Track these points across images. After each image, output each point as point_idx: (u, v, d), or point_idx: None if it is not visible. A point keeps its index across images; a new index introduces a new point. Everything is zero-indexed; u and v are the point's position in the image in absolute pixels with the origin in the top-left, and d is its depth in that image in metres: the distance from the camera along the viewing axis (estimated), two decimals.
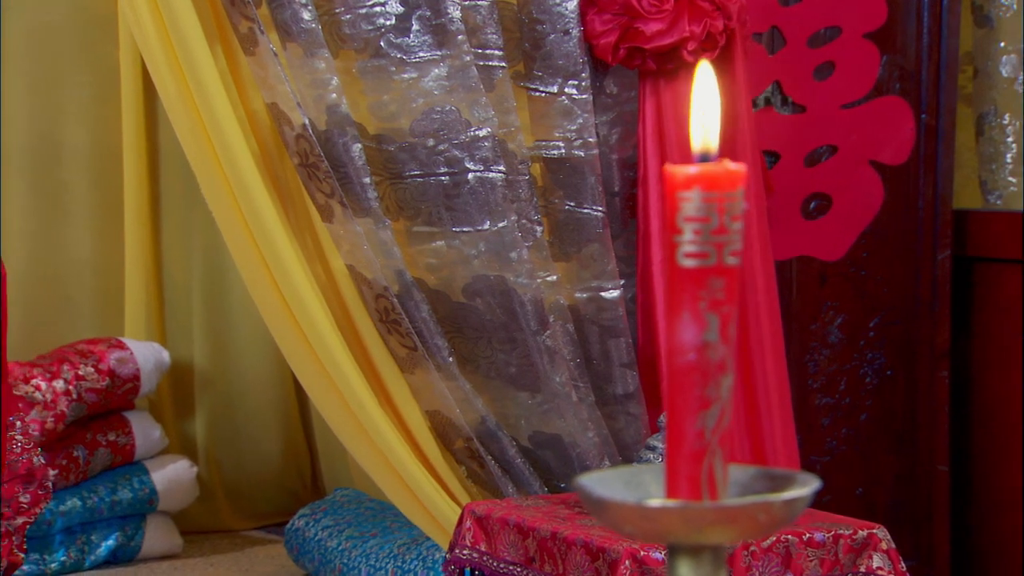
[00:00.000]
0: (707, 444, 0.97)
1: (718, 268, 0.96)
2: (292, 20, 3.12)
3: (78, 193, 4.37)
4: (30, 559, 3.95)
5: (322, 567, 3.80)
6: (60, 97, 4.32)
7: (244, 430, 4.55)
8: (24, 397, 3.92)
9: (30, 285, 4.35)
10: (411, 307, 3.23)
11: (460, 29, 3.20)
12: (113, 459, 4.11)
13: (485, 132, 3.23)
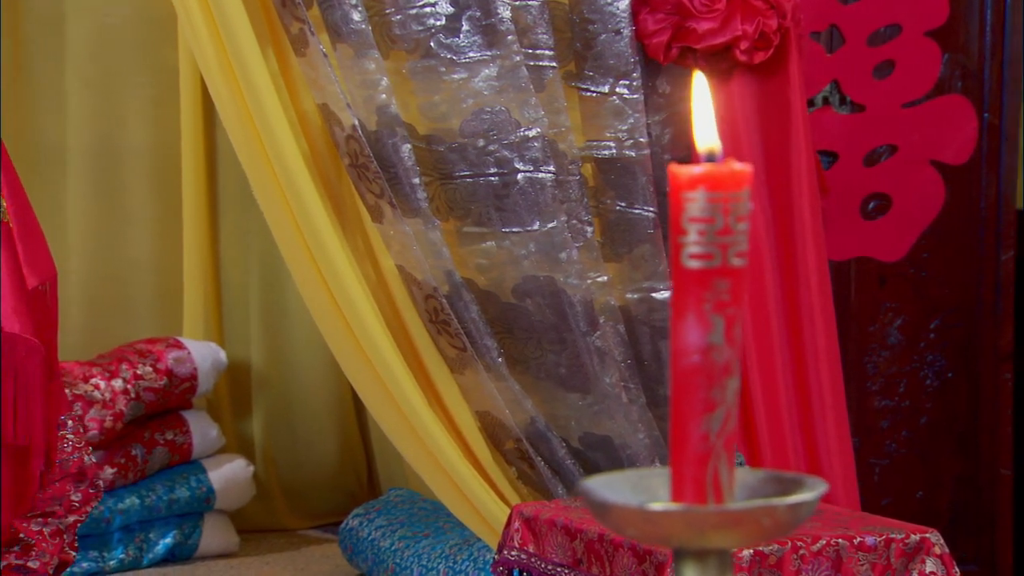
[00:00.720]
0: (712, 447, 0.96)
1: (723, 269, 0.95)
2: (342, 21, 3.13)
3: (138, 194, 4.41)
4: (89, 556, 3.99)
5: (375, 567, 3.81)
6: (120, 99, 4.36)
7: (301, 430, 4.57)
8: (83, 396, 3.96)
9: (91, 285, 4.39)
10: (460, 308, 3.23)
11: (510, 29, 3.20)
12: (171, 458, 4.14)
13: (535, 132, 3.22)
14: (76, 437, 2.75)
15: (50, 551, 2.69)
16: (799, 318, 3.57)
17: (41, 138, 4.31)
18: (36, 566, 2.65)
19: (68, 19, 4.29)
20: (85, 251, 4.37)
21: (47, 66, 4.30)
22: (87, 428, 3.94)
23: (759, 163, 3.56)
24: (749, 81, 3.55)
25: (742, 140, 3.54)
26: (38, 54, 4.29)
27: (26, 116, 4.29)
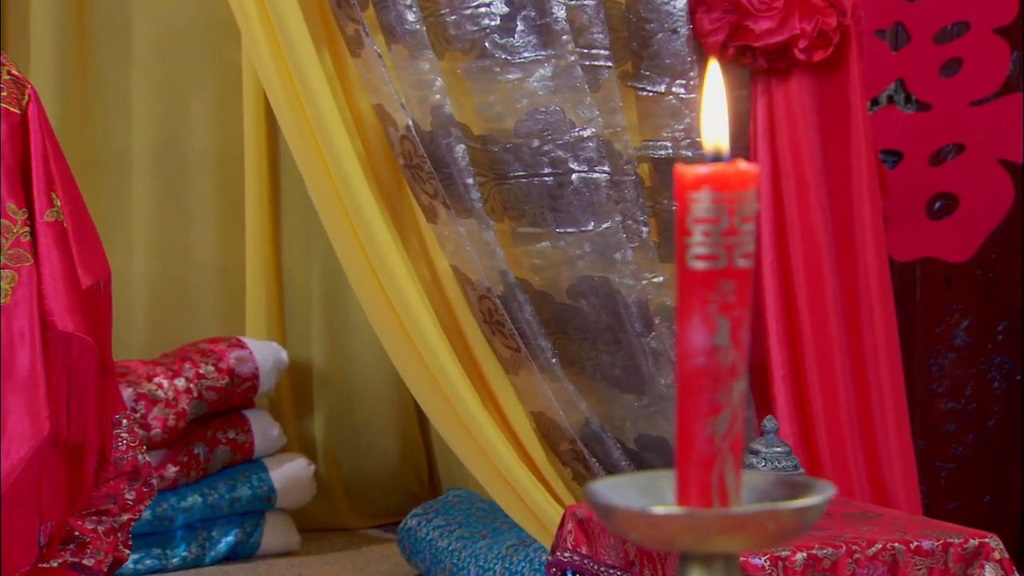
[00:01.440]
0: (717, 450, 0.94)
1: (728, 270, 0.94)
2: (397, 21, 3.14)
3: (201, 195, 4.44)
4: (152, 554, 4.03)
5: (433, 567, 3.81)
6: (185, 101, 4.40)
7: (362, 429, 4.58)
8: (147, 395, 4.00)
9: (156, 285, 4.44)
10: (514, 308, 3.22)
11: (565, 29, 3.19)
12: (233, 457, 4.17)
13: (590, 132, 3.21)
14: (131, 436, 2.77)
15: (105, 549, 2.72)
16: (859, 319, 3.53)
17: (107, 140, 4.36)
18: (91, 563, 2.68)
19: (134, 22, 4.33)
20: (150, 252, 4.41)
21: (113, 69, 4.34)
22: (150, 426, 3.98)
23: (817, 163, 3.53)
24: (808, 80, 3.52)
25: (800, 140, 3.51)
26: (104, 57, 4.33)
27: (92, 118, 4.34)
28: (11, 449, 2.52)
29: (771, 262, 3.49)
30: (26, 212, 2.56)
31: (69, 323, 2.54)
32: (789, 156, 3.50)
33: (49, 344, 2.54)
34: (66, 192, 2.61)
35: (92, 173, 4.33)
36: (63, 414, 2.54)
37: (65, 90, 4.27)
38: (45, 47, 4.23)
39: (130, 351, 4.31)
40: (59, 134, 4.24)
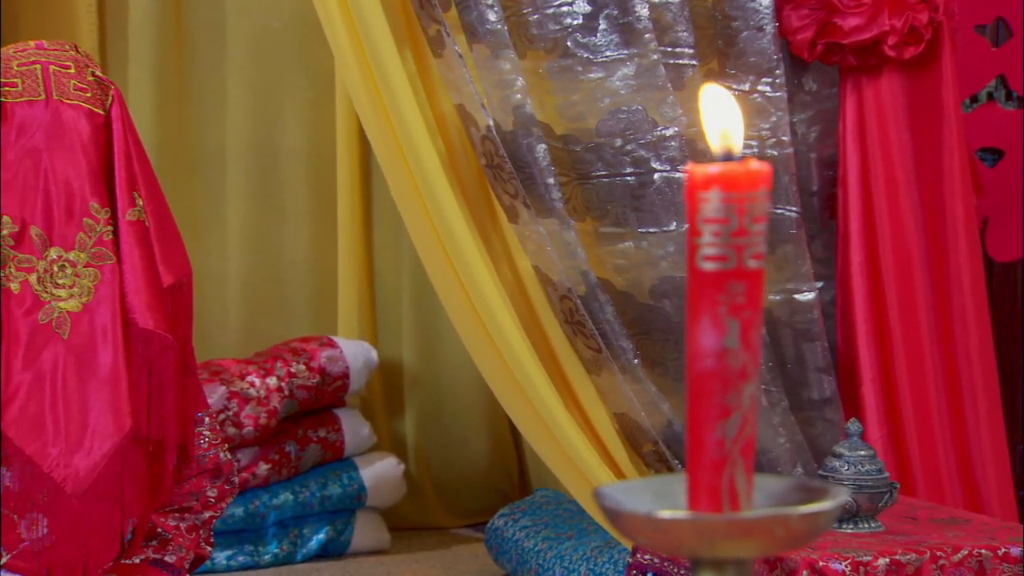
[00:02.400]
0: (727, 454, 0.93)
1: (738, 271, 0.93)
2: (478, 21, 3.14)
3: (294, 195, 4.49)
4: (245, 551, 4.08)
5: (519, 567, 3.81)
6: (279, 101, 4.45)
7: (453, 428, 4.59)
8: (239, 393, 4.05)
9: (250, 284, 4.48)
10: (595, 308, 3.21)
11: (648, 28, 3.17)
12: (323, 455, 4.20)
13: (672, 131, 3.19)
14: (213, 434, 2.80)
15: (187, 546, 2.75)
16: (951, 321, 3.47)
17: (203, 140, 4.42)
18: (172, 560, 2.71)
19: (229, 23, 4.39)
20: (244, 251, 4.46)
21: (209, 69, 4.40)
22: (243, 424, 4.03)
23: (908, 162, 3.48)
24: (899, 77, 3.46)
25: (891, 138, 3.46)
26: (200, 58, 4.39)
27: (189, 118, 4.40)
28: (94, 445, 2.56)
29: (860, 262, 3.44)
30: (109, 211, 2.60)
31: (149, 320, 2.58)
32: (879, 155, 3.45)
33: (130, 341, 2.58)
34: (149, 192, 2.65)
35: (188, 172, 4.40)
36: (144, 411, 2.58)
37: (162, 91, 4.33)
38: (143, 49, 4.30)
39: (225, 349, 4.37)
40: (156, 134, 4.33)
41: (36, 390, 2.55)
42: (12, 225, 2.56)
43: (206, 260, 4.42)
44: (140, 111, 4.30)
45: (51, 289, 2.57)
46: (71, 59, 2.62)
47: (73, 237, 2.58)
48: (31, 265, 2.57)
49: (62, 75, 2.60)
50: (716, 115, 0.95)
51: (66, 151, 2.58)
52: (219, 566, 4.05)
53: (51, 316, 2.57)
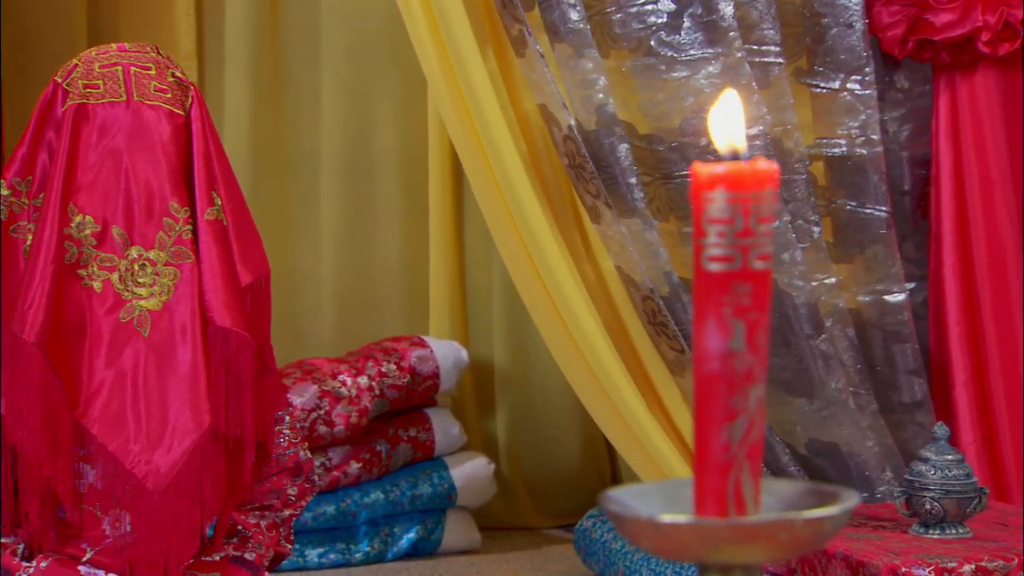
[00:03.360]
0: (733, 457, 0.92)
1: (743, 272, 0.91)
2: (560, 21, 3.13)
3: (387, 196, 4.51)
4: (336, 548, 4.10)
5: (607, 568, 3.79)
6: (372, 103, 4.47)
7: (544, 429, 4.58)
8: (331, 392, 4.08)
9: (343, 284, 4.52)
10: (678, 309, 3.18)
11: (732, 26, 3.14)
12: (414, 454, 4.22)
13: (756, 131, 3.15)
14: (293, 432, 2.82)
15: (266, 543, 2.77)
16: None
17: (297, 141, 4.46)
18: (252, 558, 2.73)
19: (323, 25, 4.43)
20: (337, 251, 4.50)
21: (304, 71, 4.44)
22: (334, 423, 4.06)
23: (1003, 160, 3.40)
24: (994, 74, 3.39)
25: (985, 136, 3.39)
26: (296, 60, 4.43)
27: (284, 120, 4.45)
28: (174, 442, 2.59)
29: (953, 263, 3.38)
30: (188, 210, 2.63)
31: (227, 319, 2.60)
32: (973, 153, 3.38)
33: (208, 339, 2.60)
34: (228, 191, 2.68)
35: (283, 173, 4.44)
36: (222, 408, 2.61)
37: (258, 92, 4.38)
38: (239, 51, 4.35)
39: (318, 348, 4.40)
40: (251, 135, 4.38)
41: (118, 388, 2.59)
42: (94, 225, 2.60)
43: (300, 260, 4.46)
44: (236, 112, 4.36)
45: (132, 288, 2.61)
46: (152, 60, 2.66)
47: (153, 236, 2.61)
48: (113, 264, 2.61)
49: (143, 76, 2.64)
50: (720, 115, 0.93)
51: (146, 151, 2.61)
52: (311, 564, 4.08)
53: (132, 314, 2.61)
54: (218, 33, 4.34)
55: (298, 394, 4.02)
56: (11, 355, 2.52)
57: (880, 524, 2.94)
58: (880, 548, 2.76)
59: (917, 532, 2.88)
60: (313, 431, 4.02)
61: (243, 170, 4.39)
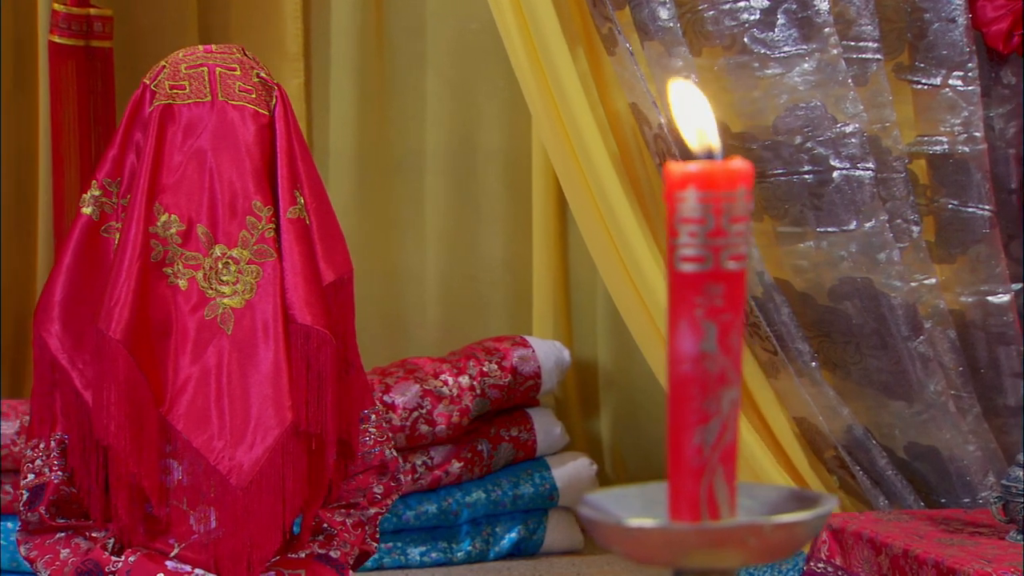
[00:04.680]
0: (706, 461, 0.90)
1: (715, 273, 0.89)
2: (649, 19, 3.11)
3: (491, 195, 4.52)
4: (438, 547, 4.12)
5: None
6: (477, 102, 4.49)
7: (648, 429, 4.55)
8: (432, 391, 4.09)
9: (448, 283, 4.53)
10: (771, 310, 3.14)
11: (828, 22, 3.09)
12: (515, 454, 4.21)
13: (853, 128, 3.10)
14: (378, 431, 2.84)
15: (352, 541, 2.78)
16: None
17: (403, 140, 4.49)
18: (337, 556, 2.75)
19: (429, 26, 4.45)
20: (442, 250, 4.51)
21: (410, 71, 4.47)
22: (435, 422, 4.07)
23: None
24: None
25: None
26: (400, 60, 4.46)
27: (389, 120, 4.48)
28: (256, 439, 2.62)
29: None
30: (271, 209, 2.65)
31: (308, 316, 2.62)
32: None
33: (290, 337, 2.63)
34: (312, 190, 2.70)
35: (388, 173, 4.47)
36: (302, 404, 2.63)
37: (363, 93, 4.42)
38: (346, 52, 4.40)
39: (423, 348, 4.42)
40: (357, 135, 4.42)
41: (202, 385, 2.63)
42: (180, 224, 2.64)
43: (405, 259, 4.49)
44: (341, 113, 4.40)
45: (216, 286, 2.64)
46: (237, 62, 2.69)
47: (236, 235, 2.64)
48: (198, 262, 2.65)
49: (228, 77, 2.67)
50: (689, 112, 0.91)
51: (230, 150, 2.64)
52: (412, 562, 4.10)
53: (216, 312, 2.64)
54: (324, 35, 4.39)
55: (400, 393, 4.04)
56: (99, 352, 2.57)
57: (977, 530, 2.87)
58: (973, 555, 2.69)
59: (1014, 539, 2.80)
60: (415, 430, 4.04)
61: (348, 170, 4.44)
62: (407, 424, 4.03)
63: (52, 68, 4.02)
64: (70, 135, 4.04)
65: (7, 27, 4.23)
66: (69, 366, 2.64)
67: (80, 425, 2.64)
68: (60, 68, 4.02)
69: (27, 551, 2.68)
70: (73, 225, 2.70)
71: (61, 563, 2.66)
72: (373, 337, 4.45)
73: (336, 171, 4.43)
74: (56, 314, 2.66)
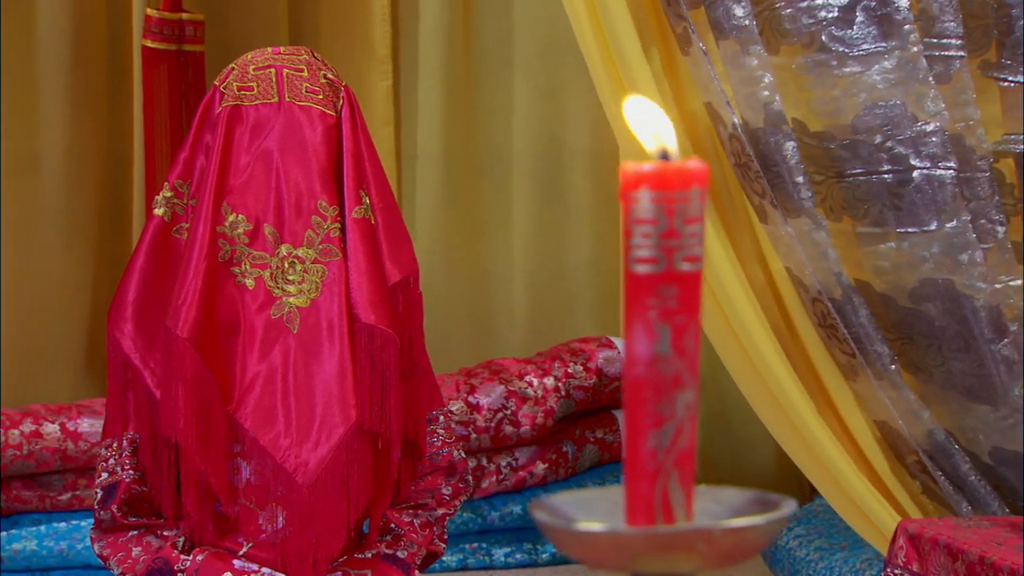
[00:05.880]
0: (660, 465, 0.89)
1: (668, 274, 0.88)
2: (724, 17, 3.07)
3: (579, 195, 4.51)
4: (523, 548, 4.12)
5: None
6: (564, 103, 4.48)
7: (740, 433, 4.51)
8: (517, 392, 4.09)
9: (535, 284, 4.53)
10: (848, 311, 3.09)
11: (907, 19, 3.03)
12: (601, 456, 4.20)
13: (934, 127, 3.04)
14: (447, 432, 2.84)
15: (419, 542, 2.79)
16: None
17: (490, 142, 4.50)
18: (404, 556, 2.76)
19: (517, 28, 4.45)
20: (529, 251, 4.51)
21: (497, 73, 4.47)
22: (520, 423, 4.07)
23: None
24: None
25: None
26: (488, 62, 4.47)
27: (477, 122, 4.49)
28: (321, 437, 2.64)
29: None
30: (337, 209, 2.67)
31: (371, 316, 2.64)
32: None
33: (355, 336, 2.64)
34: (378, 190, 2.71)
35: (476, 174, 4.48)
36: (366, 403, 2.64)
37: (451, 95, 4.43)
38: (434, 55, 4.41)
39: (511, 348, 4.42)
40: (445, 137, 4.43)
41: (269, 383, 2.65)
42: (247, 223, 2.67)
43: (492, 260, 4.49)
44: (429, 116, 4.42)
45: (282, 285, 2.67)
46: (304, 63, 2.72)
47: (302, 234, 2.67)
48: (265, 262, 2.67)
49: (295, 78, 2.69)
50: (645, 117, 0.90)
51: (297, 151, 2.67)
52: (497, 563, 4.10)
53: (282, 311, 2.67)
54: (413, 37, 4.41)
55: (485, 394, 4.05)
56: (167, 350, 2.61)
57: None
58: None
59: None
60: (499, 431, 4.04)
61: (436, 172, 4.45)
62: (491, 425, 4.04)
63: (145, 73, 4.09)
64: (162, 139, 4.11)
65: (103, 32, 4.31)
66: (141, 365, 2.68)
67: (151, 424, 2.68)
68: (152, 72, 4.09)
69: (100, 549, 2.73)
70: (146, 226, 2.75)
71: (133, 561, 2.70)
72: (462, 338, 4.46)
73: (423, 173, 4.45)
74: (129, 314, 2.70)
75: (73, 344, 4.30)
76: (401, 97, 4.41)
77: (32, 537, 3.87)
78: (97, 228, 4.35)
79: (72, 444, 3.88)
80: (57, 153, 4.27)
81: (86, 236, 4.33)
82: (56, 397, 4.21)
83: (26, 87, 4.22)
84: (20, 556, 3.87)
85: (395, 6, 4.39)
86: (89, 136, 4.30)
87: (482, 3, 4.47)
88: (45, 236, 4.28)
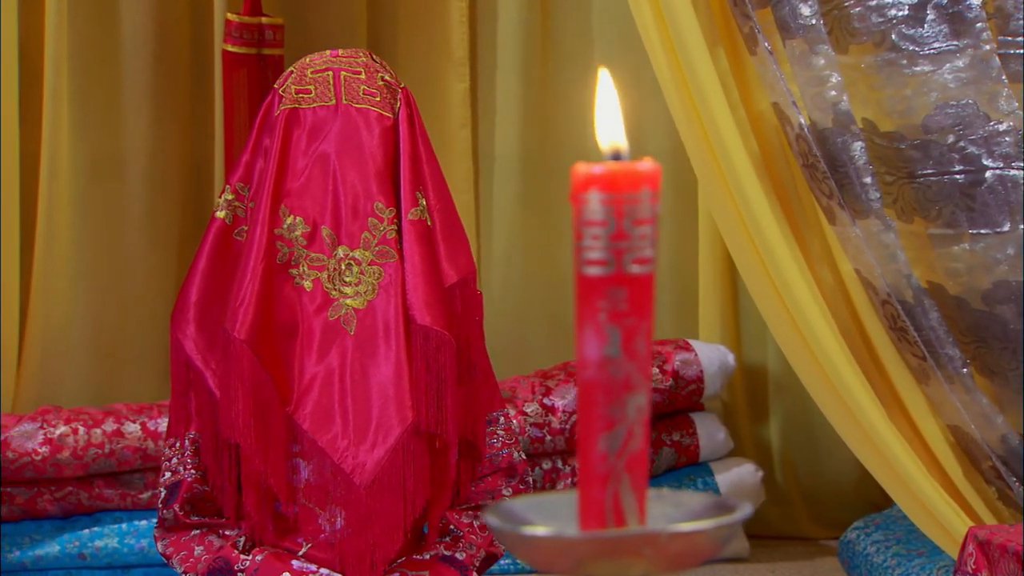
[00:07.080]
0: (611, 468, 0.87)
1: (618, 277, 0.87)
2: (791, 16, 3.04)
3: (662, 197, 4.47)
4: None
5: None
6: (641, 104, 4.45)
7: (821, 437, 4.44)
8: None
9: None
10: (918, 314, 3.03)
11: (979, 17, 2.97)
12: (678, 459, 4.16)
13: (1007, 126, 2.97)
14: (507, 434, 2.84)
15: (478, 543, 2.79)
16: None
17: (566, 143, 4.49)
18: (463, 558, 2.75)
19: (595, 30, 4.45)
20: None
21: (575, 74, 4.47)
22: None
23: None
24: None
25: None
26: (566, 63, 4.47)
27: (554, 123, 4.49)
28: (378, 438, 2.65)
29: None
30: (393, 211, 2.68)
31: (427, 317, 2.64)
32: None
33: (411, 338, 2.64)
34: (436, 192, 2.71)
35: (553, 176, 4.46)
36: (422, 404, 2.64)
37: (529, 96, 4.43)
38: (511, 56, 4.41)
39: None
40: (522, 139, 4.43)
41: (327, 384, 2.66)
42: (304, 225, 2.68)
43: (568, 263, 4.48)
44: (506, 117, 4.42)
45: (339, 287, 2.68)
46: (362, 65, 2.72)
47: (359, 236, 2.67)
48: (322, 264, 2.69)
49: (352, 80, 2.70)
50: (601, 115, 0.89)
51: (354, 152, 2.68)
52: None
53: (339, 313, 2.68)
54: (491, 39, 4.41)
55: (560, 396, 4.04)
56: (225, 352, 2.63)
57: None
58: None
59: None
60: (574, 433, 4.03)
61: (513, 174, 4.45)
62: (566, 427, 4.02)
63: (225, 76, 4.13)
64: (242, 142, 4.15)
65: (185, 37, 4.37)
66: (203, 366, 2.71)
67: (212, 424, 2.70)
68: (233, 76, 4.13)
69: (163, 547, 2.76)
70: (208, 229, 2.77)
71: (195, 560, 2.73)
72: (539, 340, 4.45)
73: (501, 174, 4.45)
74: (191, 316, 2.73)
75: (155, 345, 4.36)
76: (479, 99, 4.42)
77: (113, 535, 3.94)
78: (180, 231, 4.41)
79: (152, 443, 3.94)
80: (141, 157, 4.33)
81: (169, 239, 4.39)
82: (139, 397, 4.28)
83: (110, 91, 4.29)
84: (102, 553, 3.93)
85: (473, 8, 4.40)
86: (172, 139, 4.35)
87: (560, 4, 4.46)
88: (129, 239, 4.35)
